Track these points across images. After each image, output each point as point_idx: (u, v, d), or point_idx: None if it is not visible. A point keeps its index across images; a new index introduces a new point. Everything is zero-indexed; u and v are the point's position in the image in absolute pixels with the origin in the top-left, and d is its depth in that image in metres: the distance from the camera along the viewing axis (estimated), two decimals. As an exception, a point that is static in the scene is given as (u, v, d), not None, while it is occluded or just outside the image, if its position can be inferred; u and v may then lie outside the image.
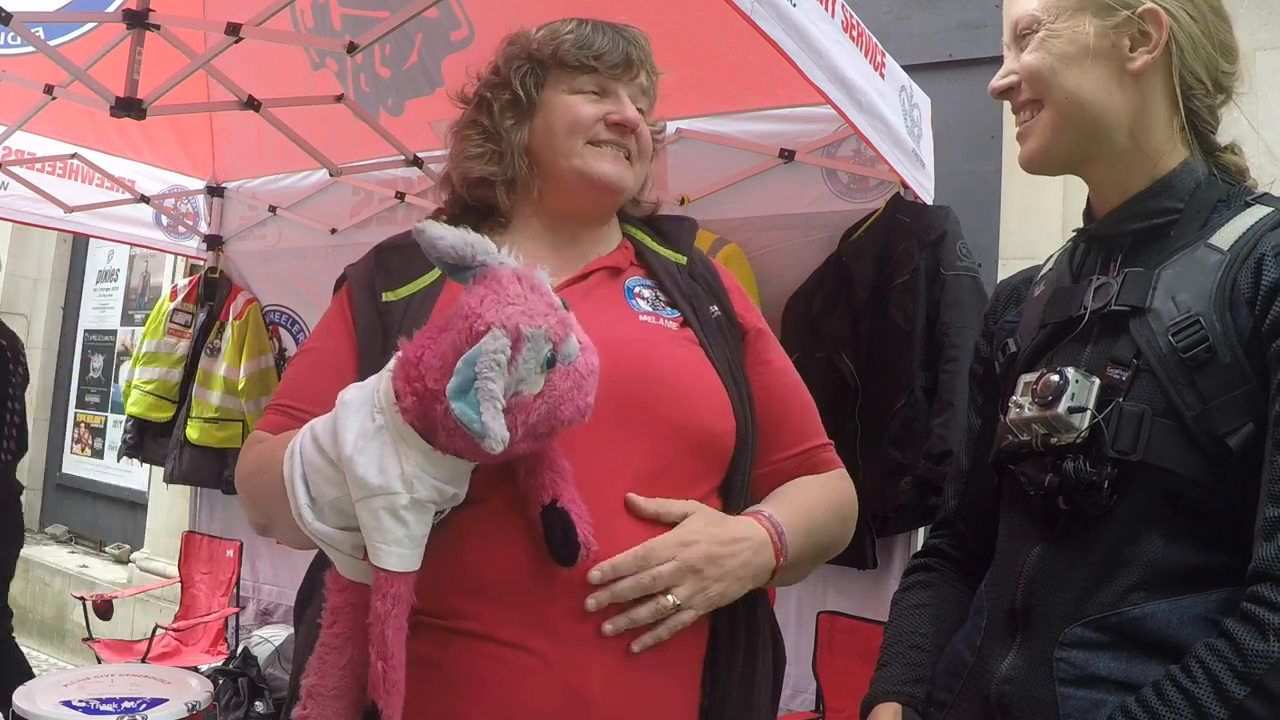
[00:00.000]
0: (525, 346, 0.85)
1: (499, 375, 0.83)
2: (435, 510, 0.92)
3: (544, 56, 1.18)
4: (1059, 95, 1.01)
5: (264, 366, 3.98)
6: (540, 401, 0.87)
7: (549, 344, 0.87)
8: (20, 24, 2.47)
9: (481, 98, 1.21)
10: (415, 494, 0.88)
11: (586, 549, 0.95)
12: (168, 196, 4.00)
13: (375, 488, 0.87)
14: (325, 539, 0.94)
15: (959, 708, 1.04)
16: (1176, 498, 0.91)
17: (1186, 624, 0.89)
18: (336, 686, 0.97)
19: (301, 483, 0.92)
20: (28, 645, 5.96)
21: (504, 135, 1.18)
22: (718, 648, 1.08)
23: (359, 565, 0.94)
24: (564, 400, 0.89)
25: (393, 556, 0.88)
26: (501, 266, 0.91)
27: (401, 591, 0.90)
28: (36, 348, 7.07)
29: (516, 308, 0.87)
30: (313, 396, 1.06)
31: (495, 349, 0.83)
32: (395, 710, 0.90)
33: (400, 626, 0.90)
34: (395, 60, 3.04)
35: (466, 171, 1.19)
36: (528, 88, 1.18)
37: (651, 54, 1.22)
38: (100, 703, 2.73)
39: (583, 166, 1.15)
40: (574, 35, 1.17)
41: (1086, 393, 0.95)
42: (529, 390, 0.87)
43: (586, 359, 0.91)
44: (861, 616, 2.64)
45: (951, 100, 3.29)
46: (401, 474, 0.87)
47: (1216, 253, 0.94)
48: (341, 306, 1.16)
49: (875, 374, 2.55)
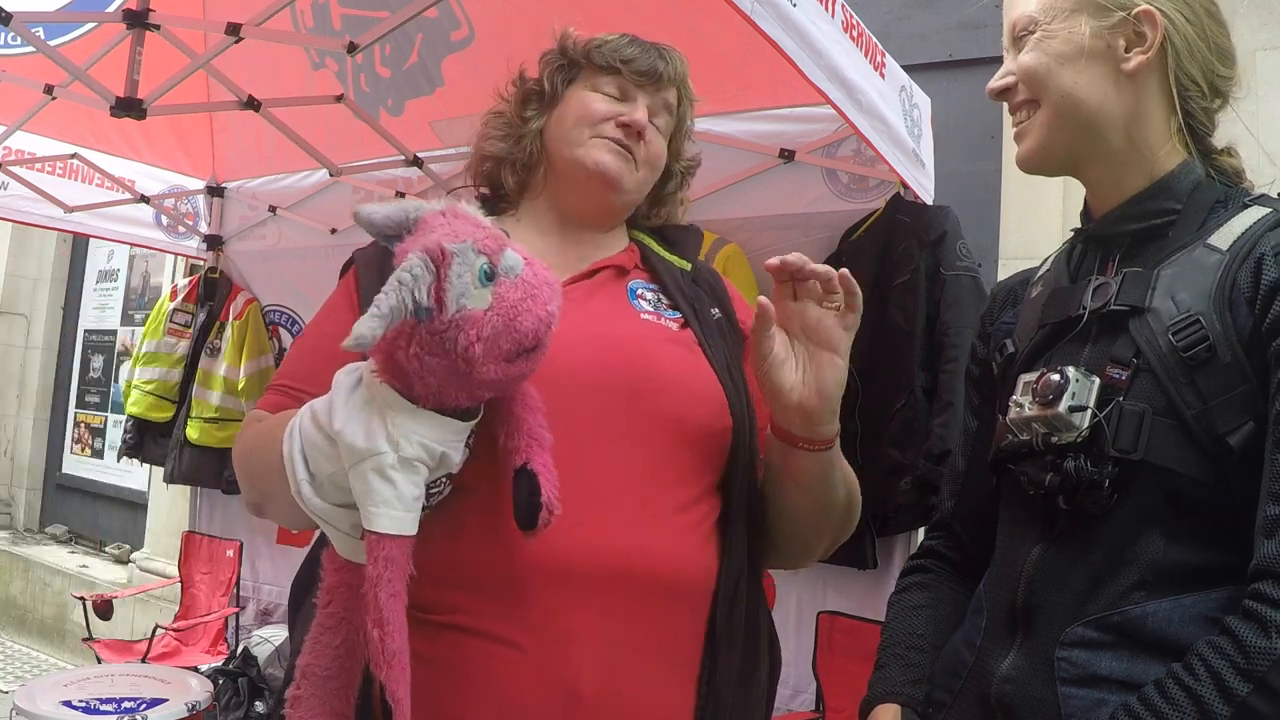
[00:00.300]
0: (454, 260, 0.85)
1: (394, 290, 0.83)
2: (427, 472, 0.90)
3: (576, 55, 1.22)
4: (1054, 94, 1.01)
5: (264, 366, 3.98)
6: (492, 315, 0.87)
7: (481, 256, 0.87)
8: (20, 24, 2.47)
9: (516, 90, 1.25)
10: (402, 452, 0.87)
11: (549, 511, 0.92)
12: (168, 196, 4.00)
13: (363, 451, 0.87)
14: (323, 516, 0.93)
15: (958, 708, 1.04)
16: (1177, 497, 0.91)
17: (1188, 623, 0.89)
18: (330, 666, 0.96)
19: (301, 459, 0.92)
20: (28, 645, 5.99)
21: (524, 122, 1.22)
22: (715, 648, 1.08)
23: (356, 545, 0.93)
24: (518, 310, 0.87)
25: (383, 518, 0.87)
26: (428, 212, 0.92)
27: (394, 555, 0.87)
28: (36, 348, 7.08)
29: (437, 233, 0.88)
30: (313, 377, 1.06)
31: (403, 269, 0.84)
32: (398, 683, 0.87)
33: (395, 593, 0.88)
34: (395, 60, 3.04)
35: (482, 150, 1.23)
36: (555, 82, 1.21)
37: (687, 76, 1.25)
38: (100, 703, 2.73)
39: (583, 156, 1.16)
40: (612, 42, 1.21)
41: (1087, 392, 0.95)
42: (475, 305, 0.86)
43: (536, 270, 0.90)
44: (861, 616, 2.64)
45: (951, 100, 3.29)
46: (387, 435, 0.87)
47: (1216, 252, 0.94)
48: (348, 289, 1.16)
49: (875, 374, 2.55)
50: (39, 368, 7.06)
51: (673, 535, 1.05)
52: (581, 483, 0.98)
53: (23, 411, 7.10)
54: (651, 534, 1.03)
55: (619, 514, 1.01)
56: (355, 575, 0.93)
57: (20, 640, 6.08)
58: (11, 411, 7.12)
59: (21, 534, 6.88)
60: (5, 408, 7.11)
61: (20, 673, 5.44)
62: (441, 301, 0.85)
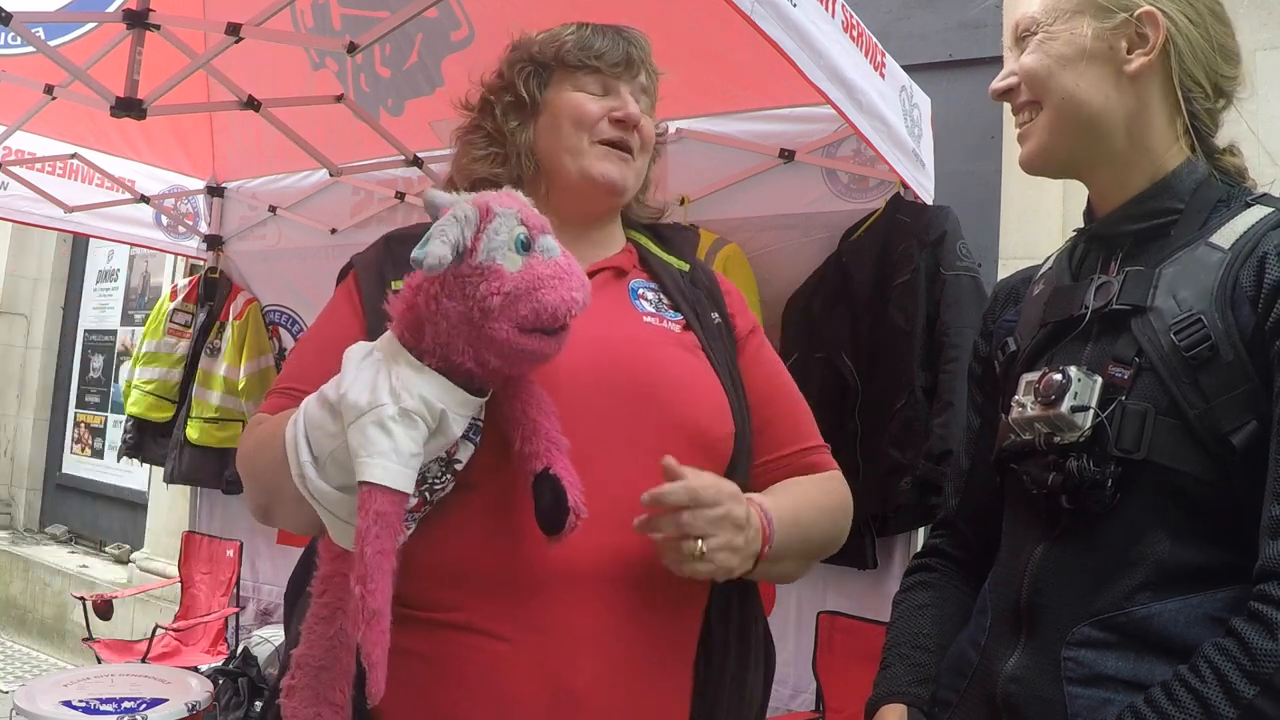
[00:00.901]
0: (496, 219, 0.89)
1: (453, 224, 0.86)
2: (426, 432, 0.89)
3: (546, 59, 1.19)
4: (1056, 96, 1.01)
5: (264, 366, 3.98)
6: (518, 275, 0.88)
7: (522, 226, 0.90)
8: (20, 24, 2.47)
9: (485, 101, 1.22)
10: (402, 403, 0.87)
11: (576, 516, 0.92)
12: (168, 196, 4.00)
13: (364, 406, 0.87)
14: (324, 500, 0.92)
15: (964, 707, 1.04)
16: (1181, 496, 0.91)
17: (1194, 623, 0.89)
18: (324, 656, 0.96)
19: (304, 441, 0.92)
20: (28, 645, 5.99)
21: (509, 137, 1.18)
22: (711, 648, 1.09)
23: (353, 532, 0.93)
24: (543, 284, 0.88)
25: (376, 468, 0.85)
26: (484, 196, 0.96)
27: (385, 510, 0.86)
28: (36, 348, 7.08)
29: (488, 197, 0.92)
30: (315, 379, 1.05)
31: (456, 210, 0.88)
32: (375, 644, 0.84)
33: (383, 550, 0.86)
34: (395, 60, 3.04)
35: (471, 174, 1.19)
36: (531, 89, 1.18)
37: (651, 54, 1.24)
38: (100, 703, 2.73)
39: (588, 167, 1.16)
40: (575, 37, 1.18)
41: (1089, 391, 0.95)
42: (505, 264, 0.88)
43: (570, 262, 0.92)
44: (861, 616, 2.64)
45: (951, 100, 3.29)
46: (390, 388, 0.88)
47: (1218, 251, 0.94)
48: (349, 292, 1.16)
49: (875, 374, 2.55)
50: (39, 368, 7.06)
51: None
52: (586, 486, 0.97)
53: (23, 411, 7.09)
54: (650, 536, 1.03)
55: (619, 516, 1.01)
56: (350, 565, 0.92)
57: (20, 640, 6.08)
58: (11, 411, 7.12)
59: (21, 534, 6.88)
60: (5, 408, 7.11)
61: (20, 673, 5.44)
62: (474, 248, 0.87)
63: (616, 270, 1.20)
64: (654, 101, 1.25)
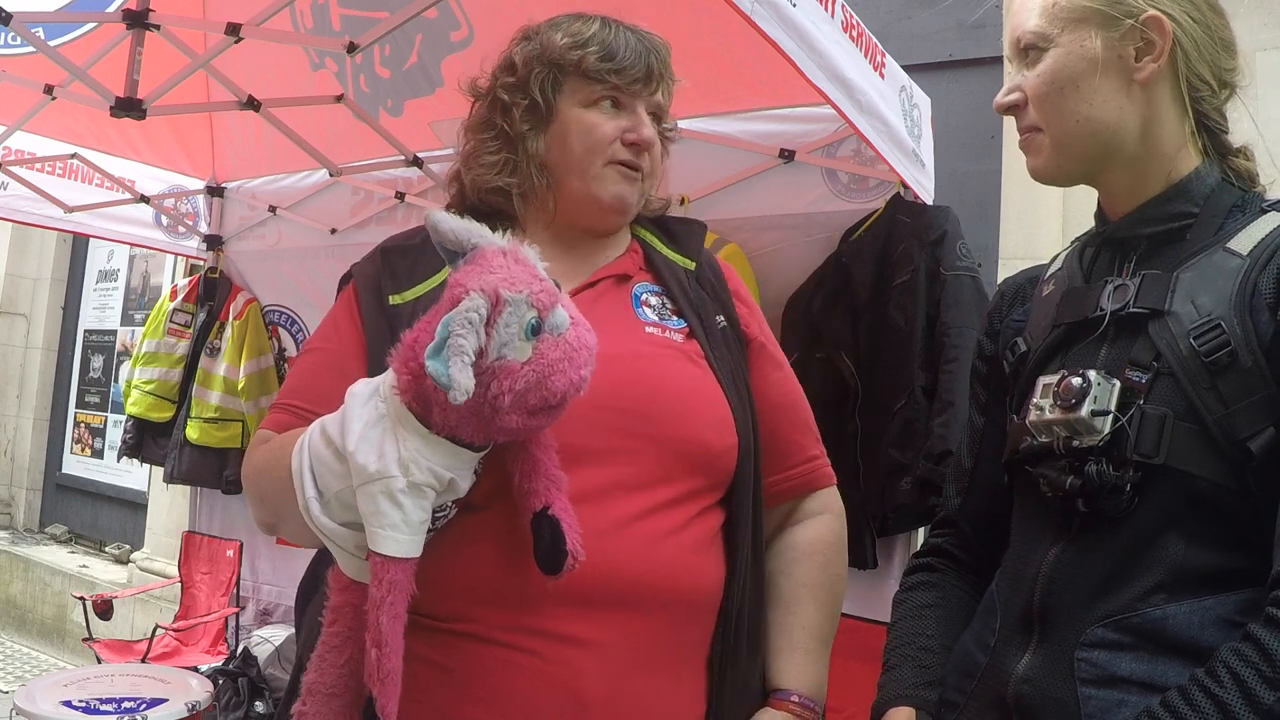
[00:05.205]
0: (506, 310, 0.87)
1: (470, 332, 0.84)
2: (435, 496, 0.91)
3: (565, 63, 1.15)
4: (1070, 121, 1.01)
5: (264, 366, 3.98)
6: (528, 369, 0.87)
7: (532, 310, 0.88)
8: (20, 24, 2.47)
9: (497, 98, 1.19)
10: (411, 477, 0.88)
11: (574, 559, 0.94)
12: (168, 196, 4.00)
13: (374, 473, 0.87)
14: (330, 535, 0.93)
15: (972, 709, 1.04)
16: (1198, 500, 0.91)
17: (1208, 625, 0.89)
18: (334, 685, 0.97)
19: (309, 475, 0.92)
20: (28, 645, 5.98)
21: (520, 142, 1.16)
22: (721, 659, 1.09)
23: (362, 565, 0.94)
24: (554, 370, 0.88)
25: (389, 541, 0.88)
26: (490, 246, 0.93)
27: (398, 578, 0.89)
28: (36, 348, 7.08)
29: (497, 275, 0.88)
30: (318, 396, 1.06)
31: (469, 308, 0.85)
32: (390, 699, 0.88)
33: (396, 615, 0.89)
34: (395, 61, 3.04)
35: (481, 179, 1.18)
36: (546, 94, 1.15)
37: (670, 63, 1.21)
38: (100, 703, 2.73)
39: (598, 190, 1.15)
40: (599, 44, 1.15)
41: (1108, 395, 0.94)
42: (515, 356, 0.87)
43: (579, 333, 0.91)
44: (861, 616, 2.63)
45: (951, 100, 3.30)
46: (399, 458, 0.88)
47: (1235, 257, 0.94)
48: (349, 305, 1.16)
49: (875, 374, 2.55)
50: (39, 368, 7.05)
51: (679, 553, 1.05)
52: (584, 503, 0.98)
53: (23, 411, 7.09)
54: (658, 553, 1.03)
55: (625, 535, 1.01)
56: (360, 595, 0.94)
57: (20, 640, 6.08)
58: (11, 411, 7.12)
59: (21, 534, 6.88)
60: (5, 408, 7.11)
61: (20, 673, 5.44)
62: (484, 347, 0.86)
63: (619, 277, 1.18)
64: (668, 107, 1.23)
